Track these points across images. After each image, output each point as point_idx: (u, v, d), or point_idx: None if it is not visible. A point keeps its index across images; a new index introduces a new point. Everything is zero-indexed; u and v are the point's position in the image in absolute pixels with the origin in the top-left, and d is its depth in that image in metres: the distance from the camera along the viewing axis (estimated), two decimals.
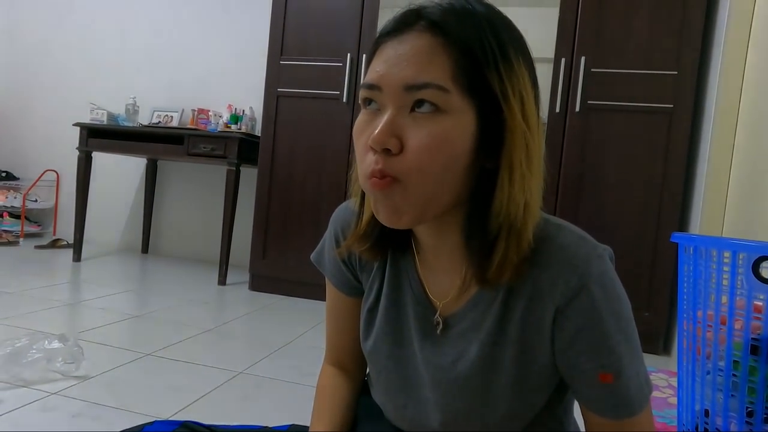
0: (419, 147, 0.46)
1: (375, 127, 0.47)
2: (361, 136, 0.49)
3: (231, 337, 1.87)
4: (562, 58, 2.17)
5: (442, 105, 0.46)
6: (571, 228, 0.52)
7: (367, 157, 0.48)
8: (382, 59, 0.48)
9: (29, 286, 2.25)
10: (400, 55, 0.47)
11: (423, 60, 0.46)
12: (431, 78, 0.45)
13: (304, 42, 2.50)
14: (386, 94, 0.47)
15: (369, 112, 0.49)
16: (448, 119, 0.46)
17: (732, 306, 0.98)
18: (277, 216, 2.56)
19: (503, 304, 0.52)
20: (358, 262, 0.63)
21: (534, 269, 0.50)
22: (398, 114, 0.47)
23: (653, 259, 2.08)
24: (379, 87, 0.47)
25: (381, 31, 0.51)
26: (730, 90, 1.88)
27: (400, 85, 0.46)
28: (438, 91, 0.45)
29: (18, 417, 1.11)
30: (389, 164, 0.46)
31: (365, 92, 0.49)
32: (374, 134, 0.46)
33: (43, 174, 3.56)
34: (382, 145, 0.46)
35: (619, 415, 0.51)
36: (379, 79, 0.47)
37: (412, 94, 0.46)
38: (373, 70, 0.49)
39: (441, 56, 0.46)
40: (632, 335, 0.51)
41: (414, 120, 0.46)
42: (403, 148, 0.46)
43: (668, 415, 1.41)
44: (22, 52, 3.73)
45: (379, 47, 0.50)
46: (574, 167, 2.17)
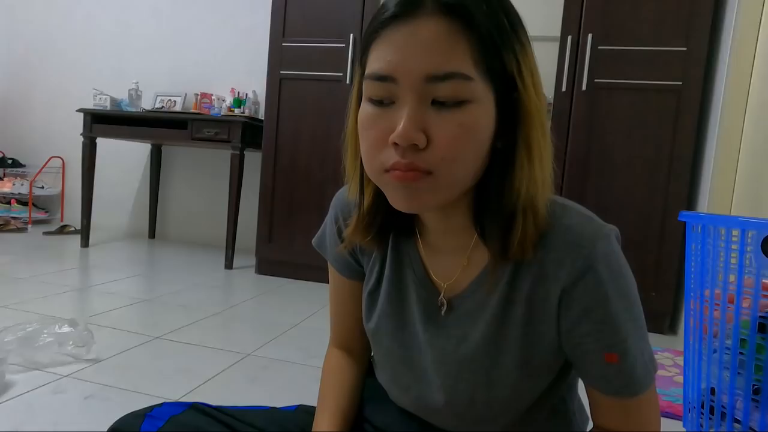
0: (449, 140, 0.44)
1: (392, 121, 0.45)
2: (372, 130, 0.47)
3: (238, 320, 1.89)
4: (568, 36, 2.13)
5: (467, 94, 0.44)
6: (577, 208, 0.51)
7: (385, 151, 0.46)
8: (394, 47, 0.44)
9: (39, 271, 2.28)
10: (416, 43, 0.43)
11: (444, 47, 0.43)
12: (454, 66, 0.43)
13: (307, 23, 2.47)
14: (403, 85, 0.44)
15: (378, 107, 0.46)
16: (473, 107, 0.44)
17: (740, 284, 0.97)
18: (282, 199, 2.56)
19: (508, 285, 0.52)
20: (359, 245, 0.63)
21: (540, 250, 0.50)
22: (420, 106, 0.44)
23: (660, 238, 2.07)
24: (395, 78, 0.44)
25: (382, 13, 0.46)
26: (741, 66, 1.84)
27: (421, 75, 0.43)
28: (463, 80, 0.43)
29: (31, 399, 1.14)
30: (417, 158, 0.44)
31: (376, 85, 0.45)
32: (399, 130, 0.44)
33: (49, 161, 3.57)
34: (410, 141, 0.44)
35: (624, 394, 0.51)
36: (394, 69, 0.44)
37: (434, 86, 0.43)
38: (382, 59, 0.45)
39: (461, 41, 0.43)
40: (638, 315, 0.51)
41: (438, 111, 0.44)
42: (429, 141, 0.44)
43: (674, 393, 1.42)
44: (24, 39, 3.71)
45: (382, 33, 0.45)
46: (581, 147, 2.15)
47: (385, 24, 0.45)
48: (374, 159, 0.47)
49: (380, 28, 0.46)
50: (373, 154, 0.47)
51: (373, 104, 0.47)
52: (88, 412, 1.10)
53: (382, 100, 0.46)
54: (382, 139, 0.46)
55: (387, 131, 0.45)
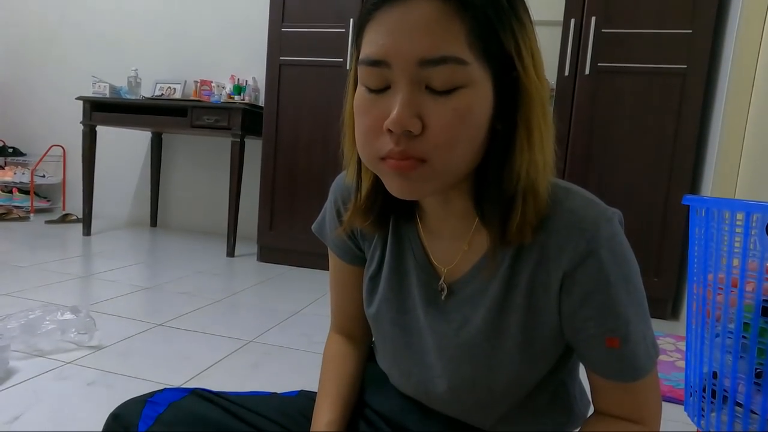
0: (444, 125, 0.43)
1: (386, 106, 0.44)
2: (367, 116, 0.46)
3: (240, 307, 1.89)
4: (571, 19, 2.10)
5: (462, 78, 0.42)
6: (579, 191, 0.51)
7: (380, 138, 0.45)
8: (386, 30, 0.43)
9: (41, 259, 2.28)
10: (409, 25, 0.42)
11: (437, 29, 0.41)
12: (448, 50, 0.42)
13: (306, 8, 2.44)
14: (396, 69, 0.43)
15: (372, 93, 0.45)
16: (469, 91, 0.43)
17: (744, 268, 0.97)
18: (283, 187, 2.55)
19: (509, 269, 0.51)
20: (359, 230, 0.62)
21: (541, 233, 0.49)
22: (414, 91, 0.43)
23: (663, 222, 2.06)
24: (387, 62, 0.43)
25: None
26: (747, 49, 1.81)
27: (414, 59, 0.42)
28: (457, 64, 0.42)
29: (35, 385, 1.14)
30: (412, 146, 0.43)
31: (369, 70, 0.44)
32: (393, 116, 0.43)
33: (50, 149, 3.56)
34: (404, 127, 0.43)
35: (626, 378, 0.50)
36: (387, 53, 0.43)
37: (428, 70, 0.42)
38: (374, 43, 0.43)
39: (455, 23, 0.42)
40: (640, 299, 0.50)
41: (432, 96, 0.43)
42: (424, 127, 0.43)
43: (675, 378, 1.42)
44: (24, 27, 3.67)
45: (375, 15, 0.44)
46: (584, 131, 2.13)
47: (378, 5, 0.44)
48: (369, 146, 0.46)
49: (373, 9, 0.44)
50: (367, 142, 0.46)
51: (367, 90, 0.46)
52: (91, 399, 1.11)
53: (377, 85, 0.45)
54: (376, 125, 0.45)
55: (381, 117, 0.44)
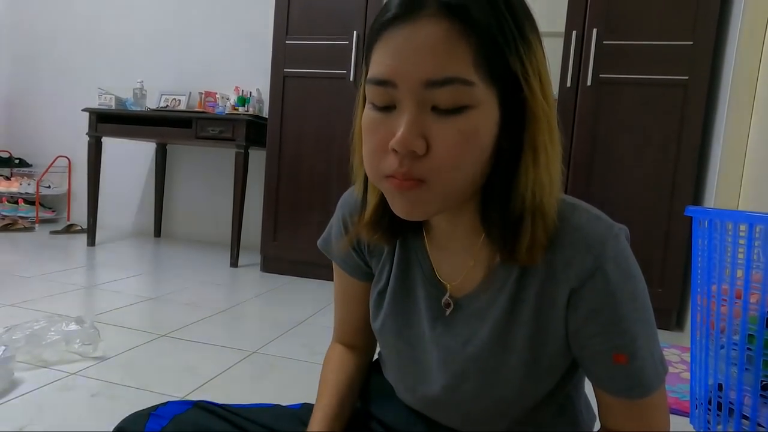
0: (448, 147, 0.43)
1: (393, 126, 0.44)
2: (373, 135, 0.46)
3: (243, 317, 1.89)
4: (573, 31, 2.12)
5: (467, 99, 0.43)
6: (586, 207, 0.51)
7: (386, 157, 0.45)
8: (392, 50, 0.43)
9: (46, 270, 2.29)
10: (415, 46, 0.42)
11: (442, 51, 0.42)
12: (454, 71, 0.42)
13: (310, 20, 2.47)
14: (402, 90, 0.43)
15: (379, 112, 0.45)
16: (474, 112, 0.43)
17: (748, 279, 0.97)
18: (286, 197, 2.56)
19: (516, 285, 0.52)
20: (367, 247, 0.63)
21: (548, 250, 0.49)
22: (419, 111, 0.43)
23: (666, 233, 2.06)
24: (394, 83, 0.43)
25: (383, 14, 0.44)
26: (749, 60, 1.82)
27: (420, 80, 0.42)
28: (462, 85, 0.42)
29: (39, 396, 1.14)
30: (416, 167, 0.44)
31: (376, 89, 0.45)
32: (398, 137, 0.43)
33: (55, 160, 3.59)
34: (409, 148, 0.43)
35: (633, 395, 0.50)
36: (393, 74, 0.43)
37: (433, 91, 0.42)
38: (381, 63, 0.44)
39: (461, 45, 0.42)
40: (648, 316, 0.50)
41: (438, 117, 0.43)
42: (428, 148, 0.43)
43: (681, 389, 1.41)
44: (29, 39, 3.73)
45: (383, 34, 0.44)
46: (586, 142, 2.13)
47: (385, 25, 0.44)
48: (375, 165, 0.47)
49: (381, 29, 0.44)
50: (373, 160, 0.47)
51: (374, 109, 0.46)
52: (95, 410, 1.11)
53: (383, 104, 0.45)
54: (382, 145, 0.45)
55: (387, 137, 0.45)
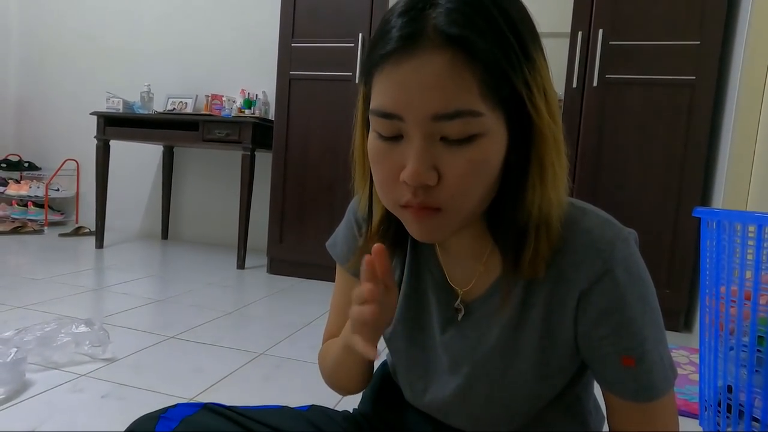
0: (460, 176, 0.44)
1: (401, 157, 0.44)
2: (382, 166, 0.46)
3: (251, 319, 1.90)
4: (578, 32, 2.11)
5: (476, 129, 0.43)
6: (595, 211, 0.51)
7: (398, 187, 0.46)
8: (397, 84, 0.43)
9: (55, 272, 2.32)
10: (420, 81, 0.41)
11: (448, 84, 0.41)
12: (462, 104, 0.41)
13: (315, 23, 2.48)
14: (410, 123, 0.43)
15: (385, 141, 0.46)
16: (483, 140, 0.43)
17: (757, 281, 0.96)
18: (292, 200, 2.57)
19: (525, 289, 0.52)
20: None
21: (557, 254, 0.50)
22: (428, 143, 0.43)
23: (674, 234, 2.05)
24: (400, 117, 0.43)
25: (383, 43, 0.43)
26: (757, 59, 1.81)
27: (428, 115, 0.42)
28: (470, 117, 0.42)
29: (50, 397, 1.16)
30: (429, 196, 0.44)
31: (382, 122, 0.44)
32: (410, 171, 0.43)
33: (64, 163, 3.63)
34: (421, 182, 0.43)
35: (641, 398, 0.50)
36: (399, 108, 0.43)
37: (441, 124, 0.42)
38: (385, 96, 0.43)
39: (466, 75, 0.41)
40: (657, 319, 0.50)
41: (447, 147, 0.43)
42: (440, 178, 0.44)
43: (689, 391, 1.40)
44: (37, 44, 3.77)
45: (385, 66, 0.43)
46: (593, 143, 2.12)
47: (387, 57, 0.43)
48: (389, 195, 0.47)
49: (382, 60, 0.43)
50: (386, 190, 0.47)
51: (380, 138, 0.46)
52: (105, 411, 1.12)
53: (390, 135, 0.45)
54: (393, 175, 0.46)
55: (397, 167, 0.45)
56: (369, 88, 0.47)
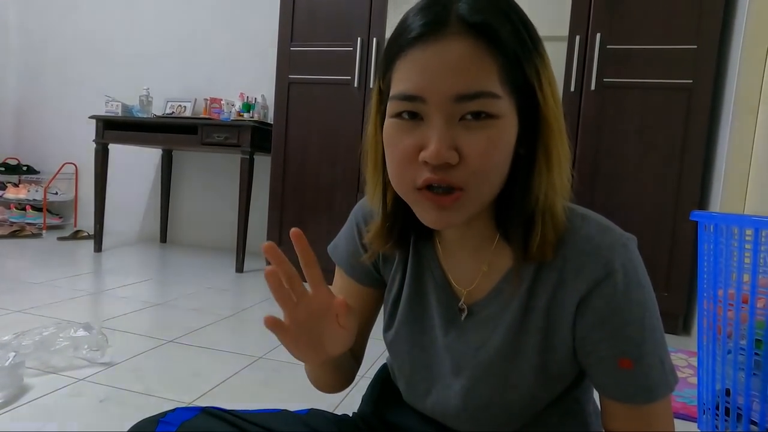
0: (480, 153, 0.45)
1: (420, 138, 0.46)
2: (399, 146, 0.48)
3: (250, 323, 1.90)
4: (576, 36, 2.12)
5: (495, 111, 0.45)
6: (596, 218, 0.52)
7: (414, 168, 0.47)
8: (420, 67, 0.45)
9: (54, 276, 2.31)
10: (444, 63, 0.44)
11: (471, 67, 0.44)
12: (483, 86, 0.44)
13: (314, 27, 2.48)
14: (431, 104, 0.45)
15: (404, 122, 0.47)
16: (500, 122, 0.46)
17: (754, 284, 0.96)
18: (291, 203, 2.57)
19: (528, 292, 0.53)
20: (381, 255, 0.64)
21: (559, 259, 0.51)
22: (448, 124, 0.45)
23: (672, 238, 2.05)
24: (423, 98, 0.45)
25: (406, 31, 0.46)
26: (753, 63, 1.82)
27: (450, 95, 0.44)
28: (491, 98, 0.45)
29: (48, 402, 1.15)
30: (451, 176, 0.46)
31: (403, 104, 0.46)
32: (432, 150, 0.45)
33: (62, 167, 3.62)
34: (443, 160, 0.45)
35: (637, 400, 0.50)
36: (422, 89, 0.45)
37: (463, 105, 0.45)
38: (408, 80, 0.46)
39: (487, 60, 0.44)
40: (656, 325, 0.50)
41: (466, 128, 0.45)
42: (460, 158, 0.45)
43: (688, 394, 1.40)
44: (37, 48, 3.77)
45: (408, 52, 0.46)
46: (590, 146, 2.13)
47: (410, 43, 0.46)
48: (403, 176, 0.48)
49: (406, 46, 0.46)
50: (401, 172, 0.48)
51: (399, 121, 0.47)
52: (103, 416, 1.12)
53: (409, 115, 0.47)
54: (410, 156, 0.47)
55: (415, 148, 0.46)
56: (388, 81, 0.49)
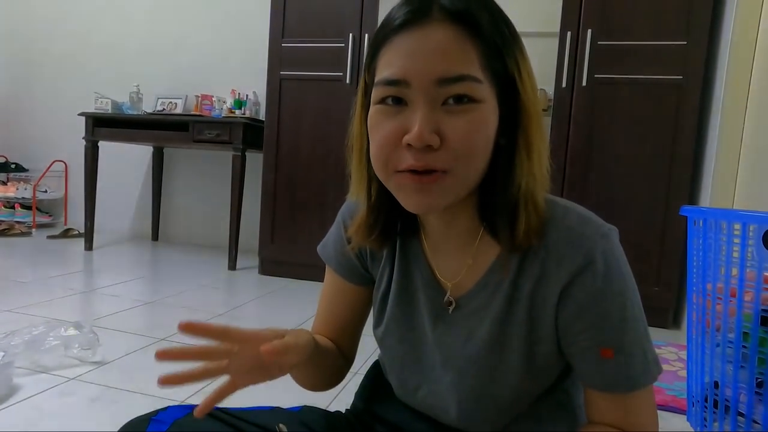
0: (462, 136, 0.46)
1: (404, 122, 0.47)
2: (382, 130, 0.48)
3: (242, 320, 1.89)
4: (567, 32, 2.13)
5: (477, 95, 0.46)
6: (578, 209, 0.53)
7: (397, 152, 0.47)
8: (404, 52, 0.46)
9: (44, 275, 2.29)
10: (427, 48, 0.46)
11: (453, 51, 0.45)
12: (465, 69, 0.46)
13: (306, 23, 2.47)
14: (415, 88, 0.46)
15: (388, 107, 0.48)
16: (482, 106, 0.47)
17: (742, 278, 0.97)
18: (283, 200, 2.56)
19: (512, 285, 0.53)
20: (368, 252, 0.64)
21: (541, 250, 0.51)
22: (431, 108, 0.46)
23: (662, 233, 2.07)
24: (407, 82, 0.46)
25: (390, 21, 0.48)
26: (742, 60, 1.83)
27: (433, 79, 0.45)
28: (473, 82, 0.46)
29: (39, 401, 1.14)
30: (433, 159, 0.46)
31: (388, 89, 0.47)
32: (414, 133, 0.45)
33: (52, 165, 3.59)
34: (425, 143, 0.45)
35: (618, 389, 0.51)
36: (406, 73, 0.46)
37: (446, 88, 0.46)
38: (393, 64, 0.47)
39: (469, 46, 0.46)
40: (637, 315, 0.51)
41: (448, 112, 0.46)
42: (442, 141, 0.46)
43: (678, 387, 1.42)
44: (26, 44, 3.72)
45: (393, 39, 0.47)
46: (582, 142, 2.14)
47: (395, 31, 0.47)
48: (385, 160, 0.49)
49: (390, 34, 0.48)
50: (383, 155, 0.49)
51: (383, 107, 0.48)
52: (95, 415, 1.11)
53: (393, 101, 0.48)
54: (393, 139, 0.47)
55: (398, 132, 0.47)
56: (373, 71, 0.50)
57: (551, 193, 0.54)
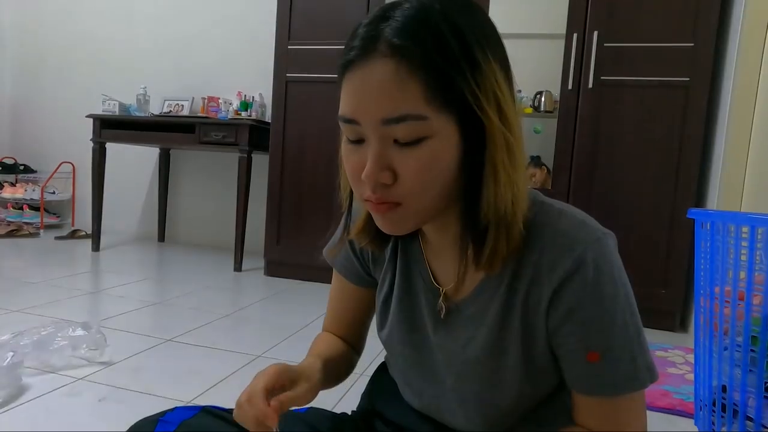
0: (412, 175, 0.47)
1: (363, 157, 0.48)
2: (348, 164, 0.51)
3: (248, 321, 1.90)
4: (573, 34, 2.13)
5: (423, 131, 0.46)
6: (573, 213, 0.52)
7: (362, 184, 0.49)
8: (352, 91, 0.47)
9: (52, 276, 2.31)
10: (370, 88, 0.46)
11: (393, 90, 0.45)
12: (406, 109, 0.45)
13: (312, 25, 2.48)
14: (365, 127, 0.47)
15: (351, 142, 0.49)
16: (432, 141, 0.46)
17: (750, 281, 0.97)
18: (289, 201, 2.57)
19: (507, 289, 0.53)
20: (371, 256, 0.65)
21: (535, 254, 0.51)
22: (383, 146, 0.47)
23: (669, 235, 2.06)
24: (357, 121, 0.47)
25: (347, 51, 0.47)
26: (750, 61, 1.82)
27: (377, 119, 0.46)
28: (416, 121, 0.45)
29: (47, 401, 1.15)
30: (387, 193, 0.48)
31: (344, 126, 0.49)
32: (366, 172, 0.47)
33: (60, 166, 3.61)
34: (376, 181, 0.47)
35: (602, 393, 0.50)
36: (355, 113, 0.47)
37: (390, 128, 0.46)
38: (346, 102, 0.48)
39: (411, 82, 0.44)
40: (630, 320, 0.50)
41: (399, 149, 0.47)
42: (396, 177, 0.47)
43: (685, 391, 1.41)
44: (32, 47, 3.76)
45: (347, 74, 0.47)
46: (588, 144, 2.14)
47: (346, 66, 0.47)
48: (355, 189, 0.52)
49: (345, 68, 0.48)
50: (354, 185, 0.52)
51: (348, 141, 0.50)
52: (102, 415, 1.12)
53: (354, 138, 0.49)
54: (356, 174, 0.49)
55: (359, 167, 0.49)
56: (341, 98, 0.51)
57: (557, 197, 0.54)
